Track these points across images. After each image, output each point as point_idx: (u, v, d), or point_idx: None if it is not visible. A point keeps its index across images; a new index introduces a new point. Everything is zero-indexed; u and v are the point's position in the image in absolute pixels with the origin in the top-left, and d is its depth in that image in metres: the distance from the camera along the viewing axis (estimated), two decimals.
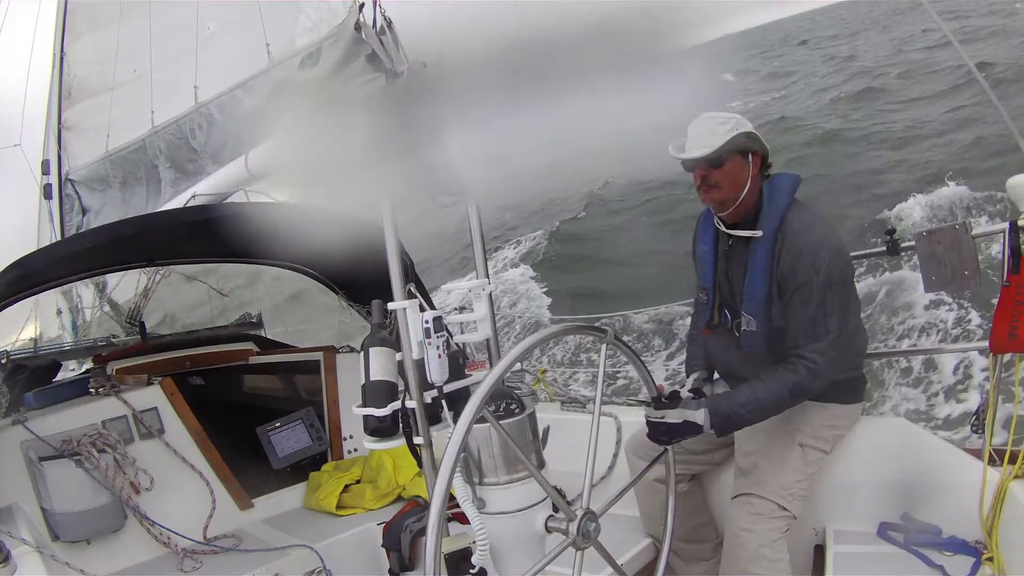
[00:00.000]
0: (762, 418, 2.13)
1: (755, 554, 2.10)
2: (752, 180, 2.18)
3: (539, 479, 1.49)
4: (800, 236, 2.10)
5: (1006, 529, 2.03)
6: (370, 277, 2.25)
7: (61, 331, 6.12)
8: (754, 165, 2.18)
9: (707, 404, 2.03)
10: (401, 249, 1.65)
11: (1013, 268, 2.10)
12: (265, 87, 3.62)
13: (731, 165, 2.15)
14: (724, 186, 2.17)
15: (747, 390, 2.09)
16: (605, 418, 3.03)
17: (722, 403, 2.07)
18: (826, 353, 2.06)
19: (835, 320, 2.07)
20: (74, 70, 5.29)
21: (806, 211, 2.19)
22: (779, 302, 2.15)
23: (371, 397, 1.63)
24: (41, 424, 2.78)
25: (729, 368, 2.39)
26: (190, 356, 4.15)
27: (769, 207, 2.17)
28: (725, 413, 2.04)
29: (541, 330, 1.60)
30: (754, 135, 2.17)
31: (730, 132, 2.12)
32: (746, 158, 2.17)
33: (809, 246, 2.08)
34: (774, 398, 2.07)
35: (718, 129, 2.12)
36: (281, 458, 3.44)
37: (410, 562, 2.55)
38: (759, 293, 2.17)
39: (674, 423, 1.98)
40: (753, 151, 2.18)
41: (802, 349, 2.07)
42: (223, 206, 3.85)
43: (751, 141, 2.17)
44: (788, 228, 2.13)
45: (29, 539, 2.24)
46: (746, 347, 2.25)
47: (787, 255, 2.11)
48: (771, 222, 2.15)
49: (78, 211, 5.15)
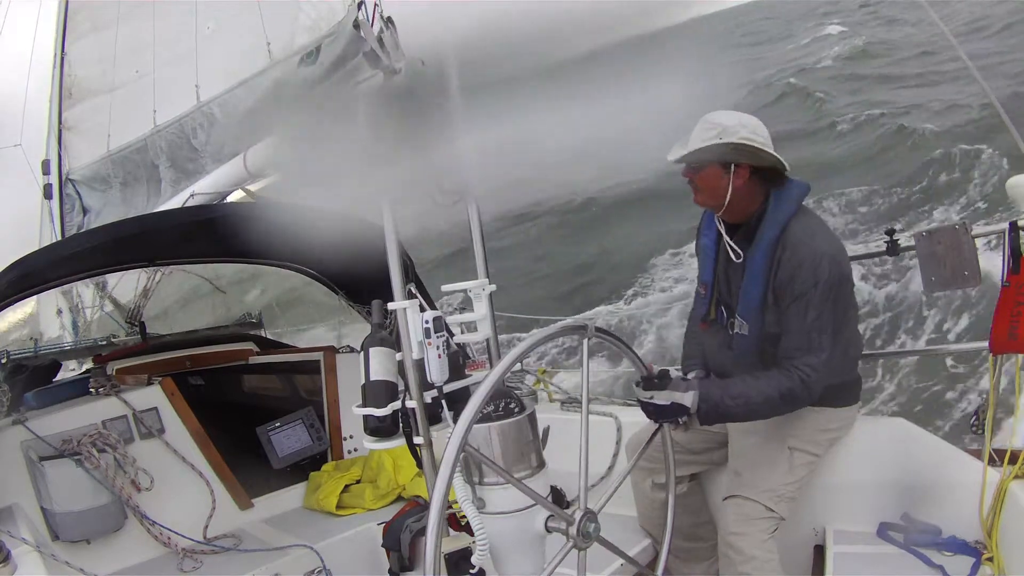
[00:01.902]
0: (747, 417, 2.13)
1: (746, 556, 2.12)
2: (736, 191, 2.11)
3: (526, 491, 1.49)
4: (801, 246, 2.07)
5: (1006, 529, 2.03)
6: (370, 277, 2.25)
7: (61, 331, 6.12)
8: (738, 176, 2.10)
9: (698, 387, 2.01)
10: (401, 249, 1.65)
11: (1013, 268, 2.10)
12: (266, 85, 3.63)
13: (708, 172, 2.13)
14: (704, 191, 2.17)
15: (740, 384, 2.08)
16: (605, 418, 3.03)
17: (713, 390, 2.06)
18: (818, 369, 2.05)
19: (828, 338, 2.06)
20: (75, 70, 5.30)
21: (810, 221, 2.15)
22: (774, 309, 2.13)
23: (371, 397, 1.62)
24: (41, 424, 2.78)
25: (720, 366, 2.39)
26: (190, 356, 4.16)
27: (772, 215, 2.14)
28: (714, 401, 2.03)
29: (535, 332, 1.60)
30: (745, 147, 2.06)
31: (708, 140, 2.07)
32: (726, 169, 2.10)
33: (810, 256, 2.05)
34: (764, 399, 2.06)
35: (703, 134, 2.08)
36: (281, 458, 3.44)
37: (410, 562, 2.55)
38: (754, 299, 2.16)
39: (662, 404, 1.97)
40: (738, 163, 2.09)
41: (796, 360, 2.07)
42: (223, 206, 3.86)
43: (735, 152, 2.07)
44: (789, 237, 2.10)
45: (29, 539, 2.24)
46: (737, 349, 2.25)
47: (787, 264, 2.08)
48: (772, 230, 2.12)
49: (78, 211, 5.16)
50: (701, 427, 2.50)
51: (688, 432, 2.55)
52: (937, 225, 2.54)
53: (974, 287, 2.41)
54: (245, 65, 3.82)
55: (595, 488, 2.70)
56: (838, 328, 2.11)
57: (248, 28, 3.83)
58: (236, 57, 3.91)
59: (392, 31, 2.75)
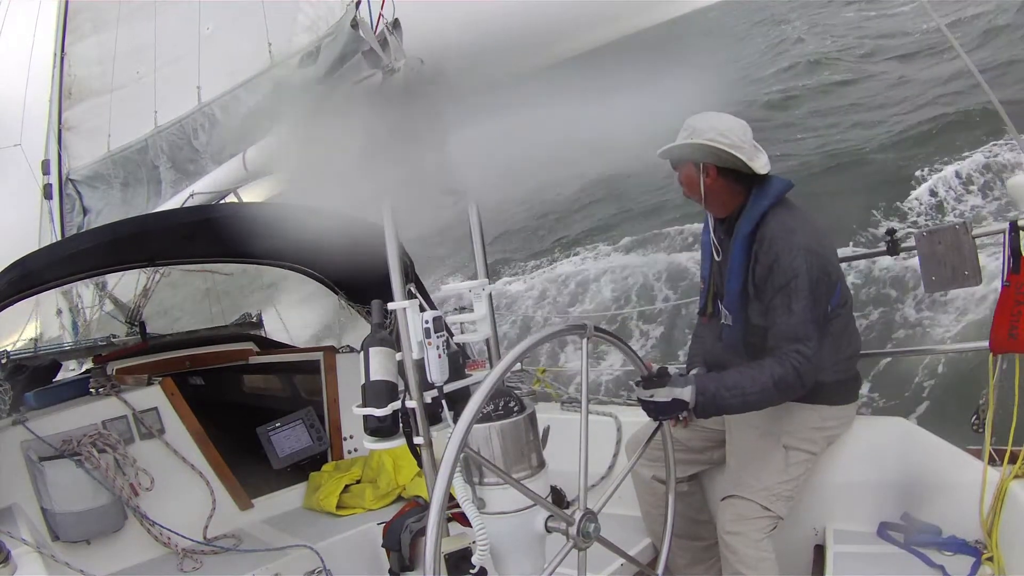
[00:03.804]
0: (743, 408, 2.14)
1: (741, 555, 2.13)
2: (708, 187, 2.23)
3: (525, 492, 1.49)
4: (777, 240, 2.13)
5: (1006, 529, 2.03)
6: (370, 277, 2.25)
7: (61, 331, 6.13)
8: (707, 175, 2.22)
9: (695, 381, 2.02)
10: (401, 249, 1.65)
11: (1013, 268, 2.10)
12: (267, 86, 3.63)
13: (685, 170, 2.29)
14: (685, 186, 2.32)
15: (736, 375, 2.09)
16: (605, 418, 3.03)
17: (709, 383, 2.06)
18: (809, 358, 2.06)
19: (813, 326, 2.09)
20: (75, 70, 5.30)
21: (789, 214, 2.19)
22: (756, 302, 2.19)
23: (371, 397, 1.62)
24: (41, 424, 2.78)
25: (715, 358, 2.42)
26: (190, 356, 4.16)
27: (748, 210, 2.22)
28: (711, 393, 2.03)
29: (533, 333, 1.59)
30: (708, 147, 2.17)
31: (681, 139, 2.22)
32: (697, 167, 2.23)
33: (786, 249, 2.10)
34: (759, 388, 2.06)
35: (680, 135, 2.24)
36: (281, 458, 3.44)
37: (410, 562, 2.55)
38: (734, 290, 2.25)
39: (663, 402, 1.98)
40: (705, 162, 2.21)
41: (786, 348, 2.08)
42: (223, 206, 3.86)
43: (700, 152, 2.19)
44: (766, 231, 2.17)
45: (29, 539, 2.24)
46: (725, 341, 2.34)
47: (763, 257, 2.15)
48: (747, 224, 2.21)
49: (79, 211, 5.16)
50: (700, 421, 2.52)
51: (688, 430, 2.56)
52: (937, 225, 2.54)
53: (974, 287, 2.41)
54: (246, 66, 3.83)
55: (595, 488, 2.70)
56: (823, 320, 2.14)
57: (249, 29, 3.84)
58: (236, 58, 3.91)
59: (397, 33, 2.75)
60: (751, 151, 2.20)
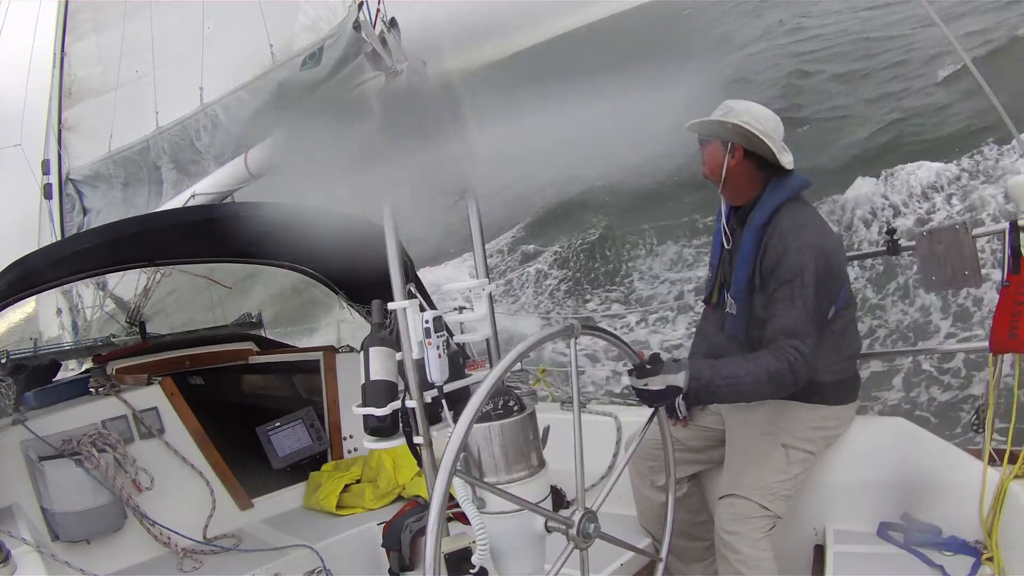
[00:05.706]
0: (734, 398, 2.16)
1: (740, 555, 2.13)
2: (731, 170, 2.25)
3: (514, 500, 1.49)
4: (788, 233, 2.15)
5: (1006, 529, 2.03)
6: (370, 277, 2.25)
7: (61, 331, 6.13)
8: (733, 156, 2.24)
9: (688, 366, 2.00)
10: (401, 249, 1.65)
11: (1013, 268, 2.10)
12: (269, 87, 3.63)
13: (711, 147, 2.30)
14: (707, 164, 2.33)
15: (732, 365, 2.09)
16: (605, 418, 3.03)
17: (705, 369, 2.04)
18: (806, 355, 2.06)
19: (813, 324, 2.09)
20: (75, 70, 5.30)
21: (803, 211, 2.22)
22: (761, 293, 2.20)
23: (371, 397, 1.62)
24: (41, 424, 2.78)
25: (716, 347, 2.43)
26: (190, 356, 4.16)
27: (765, 200, 2.24)
28: (706, 379, 2.02)
29: (532, 335, 1.58)
30: (742, 129, 2.19)
31: (716, 116, 2.25)
32: (725, 147, 2.25)
33: (796, 245, 2.11)
34: (753, 379, 2.06)
35: (715, 113, 2.26)
36: (281, 458, 3.44)
37: (410, 562, 2.55)
38: (742, 279, 2.26)
39: (657, 389, 1.97)
40: (734, 143, 2.23)
41: (783, 343, 2.08)
42: (223, 206, 3.86)
43: (732, 133, 2.22)
44: (778, 224, 2.18)
45: (29, 539, 2.24)
46: (728, 329, 2.35)
47: (773, 250, 2.16)
48: (761, 215, 2.22)
49: (79, 211, 5.16)
50: (699, 421, 2.53)
51: (687, 429, 2.56)
52: (937, 225, 2.55)
53: (974, 287, 2.41)
54: (247, 66, 3.83)
55: (595, 488, 2.70)
56: (824, 319, 2.15)
57: (249, 29, 3.83)
58: (238, 58, 3.91)
59: (395, 33, 2.75)
60: (780, 144, 2.24)
